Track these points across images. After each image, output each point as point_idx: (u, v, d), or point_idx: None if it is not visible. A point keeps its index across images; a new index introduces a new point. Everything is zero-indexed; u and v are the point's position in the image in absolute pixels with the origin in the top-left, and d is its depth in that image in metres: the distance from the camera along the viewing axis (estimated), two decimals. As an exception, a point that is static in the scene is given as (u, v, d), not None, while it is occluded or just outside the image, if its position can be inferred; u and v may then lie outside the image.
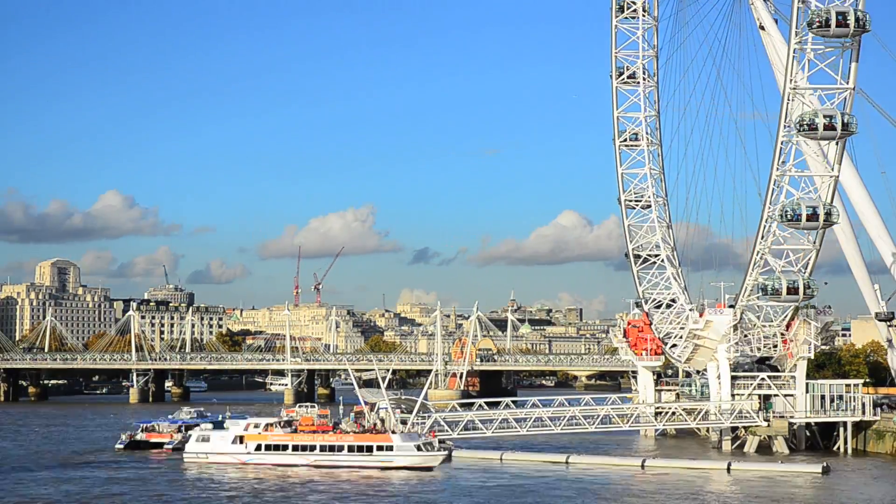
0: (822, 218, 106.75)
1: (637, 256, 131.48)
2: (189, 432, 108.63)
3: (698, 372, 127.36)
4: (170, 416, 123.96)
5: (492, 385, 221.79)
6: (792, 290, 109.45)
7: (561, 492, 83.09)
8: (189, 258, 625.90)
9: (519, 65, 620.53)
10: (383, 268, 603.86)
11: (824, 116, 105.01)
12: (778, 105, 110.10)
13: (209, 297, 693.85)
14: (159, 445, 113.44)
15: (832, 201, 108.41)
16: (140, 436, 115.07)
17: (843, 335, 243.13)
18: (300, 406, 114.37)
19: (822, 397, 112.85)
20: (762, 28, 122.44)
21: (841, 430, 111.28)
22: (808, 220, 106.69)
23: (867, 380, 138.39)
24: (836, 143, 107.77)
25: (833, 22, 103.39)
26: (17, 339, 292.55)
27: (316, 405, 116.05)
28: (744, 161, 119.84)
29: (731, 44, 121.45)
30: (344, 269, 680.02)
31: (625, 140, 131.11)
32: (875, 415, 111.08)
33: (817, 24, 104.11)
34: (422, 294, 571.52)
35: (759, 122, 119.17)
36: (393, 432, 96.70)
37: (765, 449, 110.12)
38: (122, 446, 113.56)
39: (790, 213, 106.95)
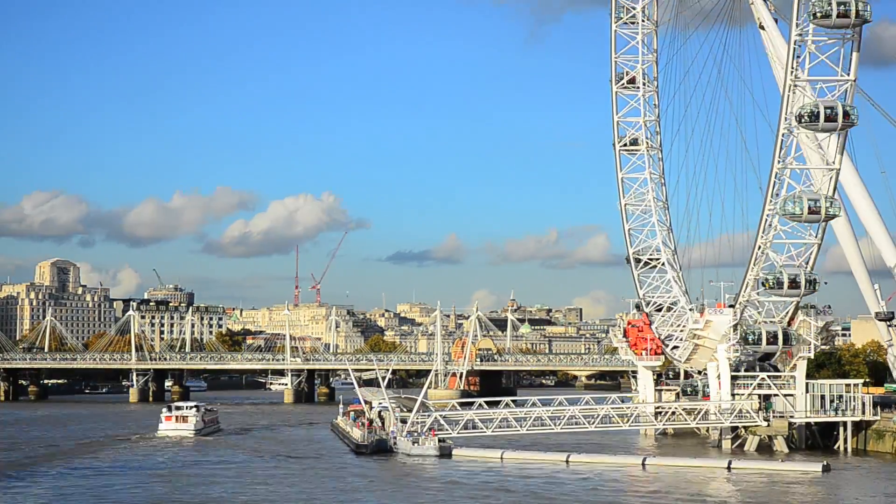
0: (823, 211, 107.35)
1: (637, 260, 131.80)
2: None
3: (699, 372, 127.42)
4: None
5: (492, 385, 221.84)
6: (794, 284, 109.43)
7: (562, 491, 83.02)
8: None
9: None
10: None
11: (825, 108, 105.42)
12: (778, 102, 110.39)
13: (209, 296, 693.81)
14: None
15: (833, 194, 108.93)
16: None
17: (843, 335, 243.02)
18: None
19: (822, 397, 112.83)
20: (762, 27, 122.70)
21: (841, 429, 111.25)
22: (809, 213, 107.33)
23: (867, 380, 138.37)
24: (837, 135, 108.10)
25: (834, 13, 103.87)
26: (17, 338, 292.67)
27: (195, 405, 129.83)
28: (744, 158, 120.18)
29: (732, 43, 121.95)
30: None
31: (625, 145, 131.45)
32: (875, 414, 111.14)
33: (818, 15, 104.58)
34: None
35: (760, 118, 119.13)
36: None
37: (765, 448, 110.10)
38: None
39: (792, 208, 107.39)
